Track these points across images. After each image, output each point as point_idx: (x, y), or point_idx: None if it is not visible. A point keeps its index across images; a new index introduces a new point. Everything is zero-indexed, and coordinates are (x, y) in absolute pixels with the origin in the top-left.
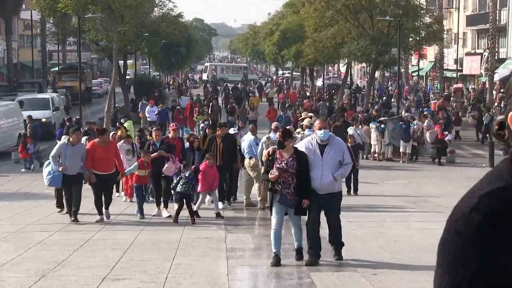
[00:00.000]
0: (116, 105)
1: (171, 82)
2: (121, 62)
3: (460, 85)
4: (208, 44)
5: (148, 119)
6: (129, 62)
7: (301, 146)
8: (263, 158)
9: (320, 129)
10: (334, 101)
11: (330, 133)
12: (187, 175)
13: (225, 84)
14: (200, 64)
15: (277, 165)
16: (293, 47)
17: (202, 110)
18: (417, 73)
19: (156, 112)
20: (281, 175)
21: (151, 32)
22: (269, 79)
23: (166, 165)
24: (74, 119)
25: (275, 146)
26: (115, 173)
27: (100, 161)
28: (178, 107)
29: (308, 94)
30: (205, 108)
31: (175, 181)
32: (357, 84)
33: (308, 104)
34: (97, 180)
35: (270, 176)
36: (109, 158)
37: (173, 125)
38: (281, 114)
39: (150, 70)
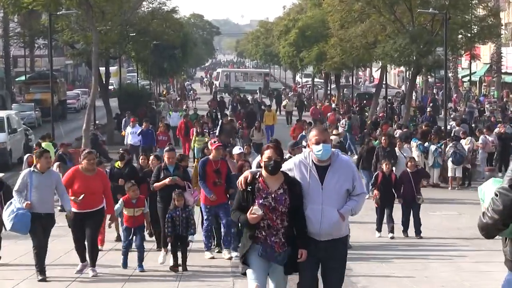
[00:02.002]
0: (97, 122)
1: (164, 93)
2: (102, 69)
3: None
4: (210, 45)
5: (129, 141)
6: (112, 68)
7: (288, 167)
8: (238, 187)
9: (317, 143)
10: (366, 113)
11: (333, 149)
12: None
13: (234, 94)
14: (201, 70)
15: (261, 201)
16: (314, 48)
17: (201, 130)
18: (468, 78)
19: (138, 132)
20: (266, 215)
21: (138, 32)
22: (283, 88)
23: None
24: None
25: (256, 171)
26: (101, 210)
27: (81, 194)
28: (167, 123)
29: (333, 105)
30: (205, 126)
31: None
32: (402, 91)
33: (333, 118)
34: (76, 220)
35: (250, 216)
36: (95, 191)
37: (214, 142)
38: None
39: (138, 78)
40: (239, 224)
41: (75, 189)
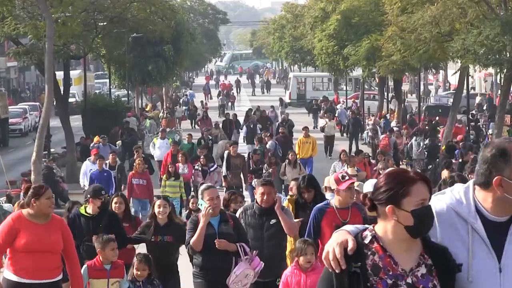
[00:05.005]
0: (52, 149)
1: (147, 108)
2: (59, 74)
3: None
4: (214, 38)
5: (86, 183)
6: (74, 73)
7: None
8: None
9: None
10: (439, 135)
11: None
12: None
13: (255, 108)
14: (201, 75)
15: None
16: (363, 42)
17: (174, 169)
18: None
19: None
20: None
21: (111, 20)
22: (320, 100)
23: (236, 271)
24: None
25: (359, 230)
26: (58, 284)
27: (29, 255)
28: (149, 153)
29: (393, 122)
30: (200, 162)
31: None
32: (488, 99)
33: (387, 142)
34: None
35: None
36: (51, 249)
37: (343, 177)
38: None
39: (112, 86)
40: None
41: (19, 247)
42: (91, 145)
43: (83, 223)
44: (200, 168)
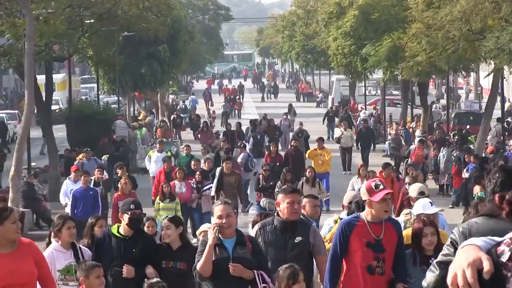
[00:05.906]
0: (33, 164)
1: (140, 117)
2: (41, 78)
3: None
4: (215, 37)
5: (63, 202)
6: (58, 77)
7: None
8: None
9: None
10: (472, 146)
11: None
12: None
13: (261, 117)
14: (202, 78)
15: None
16: (384, 41)
17: (169, 189)
18: None
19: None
20: None
21: (100, 17)
22: (336, 106)
23: None
24: None
25: (494, 243)
26: None
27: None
28: (128, 174)
29: (418, 132)
30: (198, 179)
31: None
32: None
33: (421, 153)
34: None
35: None
36: (24, 280)
37: (377, 185)
38: None
39: (100, 92)
40: None
41: None
42: (76, 162)
43: (114, 244)
44: (195, 186)
